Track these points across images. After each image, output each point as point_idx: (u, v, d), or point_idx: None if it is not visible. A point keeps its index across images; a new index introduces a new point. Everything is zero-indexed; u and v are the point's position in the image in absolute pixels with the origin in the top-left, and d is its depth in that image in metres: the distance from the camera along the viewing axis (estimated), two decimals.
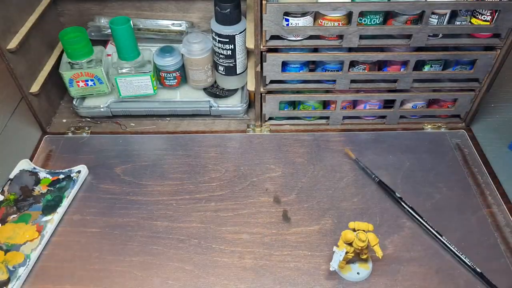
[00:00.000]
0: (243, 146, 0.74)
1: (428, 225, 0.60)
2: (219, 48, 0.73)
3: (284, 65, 0.70)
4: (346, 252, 0.52)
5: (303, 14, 0.63)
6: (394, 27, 0.64)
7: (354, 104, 0.78)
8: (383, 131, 0.77)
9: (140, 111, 0.79)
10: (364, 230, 0.52)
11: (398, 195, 0.63)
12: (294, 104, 0.78)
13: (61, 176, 0.68)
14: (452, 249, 0.57)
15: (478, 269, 0.56)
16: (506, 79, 0.89)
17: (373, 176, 0.65)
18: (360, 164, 0.66)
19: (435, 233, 0.59)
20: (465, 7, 0.62)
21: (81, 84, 0.75)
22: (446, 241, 0.58)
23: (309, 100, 0.76)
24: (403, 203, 0.63)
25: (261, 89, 0.72)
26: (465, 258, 0.57)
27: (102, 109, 0.78)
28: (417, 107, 0.76)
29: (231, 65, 0.75)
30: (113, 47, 0.81)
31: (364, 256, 0.55)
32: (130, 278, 0.57)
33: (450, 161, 0.71)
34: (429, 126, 0.77)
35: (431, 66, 0.71)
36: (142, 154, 0.73)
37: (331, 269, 0.53)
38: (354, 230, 0.53)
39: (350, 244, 0.52)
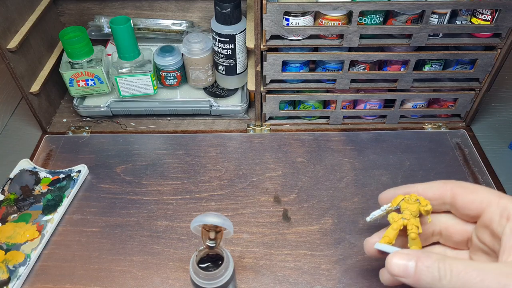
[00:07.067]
0: (243, 146, 0.74)
1: None
2: (219, 47, 0.73)
3: (284, 64, 0.70)
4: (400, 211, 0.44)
5: (303, 14, 0.63)
6: (394, 26, 0.64)
7: (354, 103, 0.78)
8: (383, 130, 0.77)
9: (140, 111, 0.79)
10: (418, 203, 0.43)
11: None
12: (294, 104, 0.78)
13: (61, 176, 0.68)
14: None
15: None
16: (507, 79, 0.89)
17: None
18: None
19: None
20: (465, 6, 0.62)
21: (81, 83, 0.75)
22: None
23: (309, 99, 0.76)
24: None
25: (261, 89, 0.72)
26: None
27: (102, 109, 0.78)
28: (418, 106, 0.76)
29: (231, 64, 0.75)
30: (113, 46, 0.81)
31: (413, 235, 0.43)
32: (130, 278, 0.57)
33: (450, 161, 0.71)
34: (429, 125, 0.77)
35: (431, 66, 0.71)
36: (143, 153, 0.73)
37: (367, 219, 0.47)
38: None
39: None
